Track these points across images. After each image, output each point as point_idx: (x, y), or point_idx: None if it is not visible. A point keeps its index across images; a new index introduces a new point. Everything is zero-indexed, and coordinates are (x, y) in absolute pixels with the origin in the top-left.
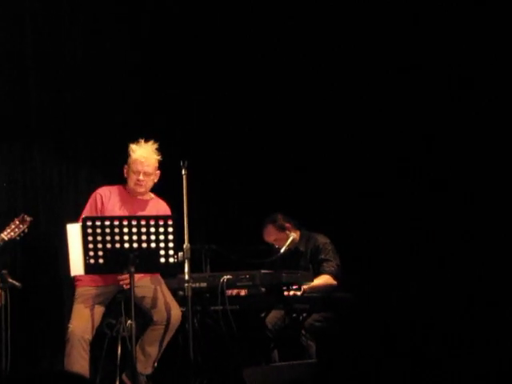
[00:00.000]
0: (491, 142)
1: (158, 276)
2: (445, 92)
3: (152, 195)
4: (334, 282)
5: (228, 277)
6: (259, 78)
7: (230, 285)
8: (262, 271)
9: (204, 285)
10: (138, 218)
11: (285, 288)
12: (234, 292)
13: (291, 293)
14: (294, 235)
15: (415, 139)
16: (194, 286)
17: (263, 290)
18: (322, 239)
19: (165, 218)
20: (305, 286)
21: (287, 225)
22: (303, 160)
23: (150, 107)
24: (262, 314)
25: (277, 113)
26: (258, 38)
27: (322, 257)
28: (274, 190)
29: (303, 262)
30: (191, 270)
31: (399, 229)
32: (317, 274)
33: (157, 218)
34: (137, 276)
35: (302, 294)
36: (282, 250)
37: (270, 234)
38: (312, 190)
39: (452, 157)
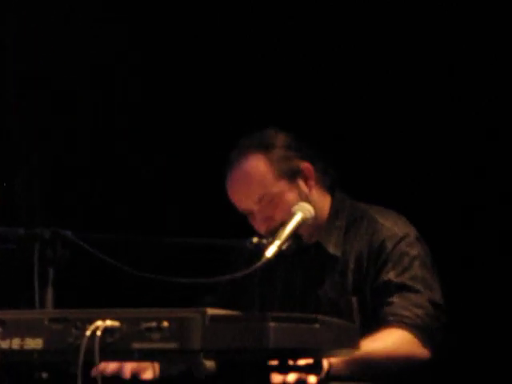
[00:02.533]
0: None
1: None
2: None
3: None
4: (419, 352)
5: (101, 324)
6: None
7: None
8: (209, 312)
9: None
10: None
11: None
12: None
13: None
14: (307, 209)
15: None
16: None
17: (208, 365)
18: (395, 229)
19: None
20: (333, 360)
21: (304, 165)
22: None
23: None
24: None
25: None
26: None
27: (393, 278)
28: None
29: (336, 289)
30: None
31: None
32: (374, 322)
33: None
34: None
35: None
36: (270, 252)
37: (250, 193)
38: None
39: None
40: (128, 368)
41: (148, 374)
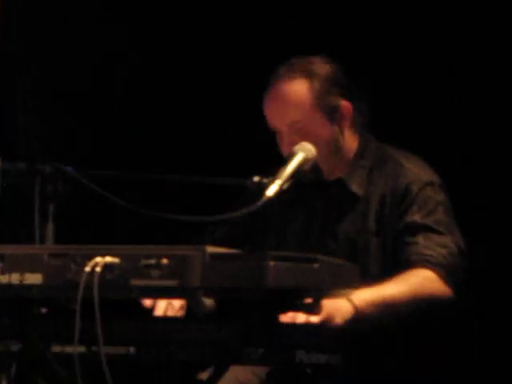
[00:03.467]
0: None
1: None
2: None
3: None
4: (442, 290)
5: (101, 261)
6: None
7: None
8: (209, 250)
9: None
10: None
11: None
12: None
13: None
14: (308, 149)
15: None
16: None
17: (207, 303)
18: (421, 174)
19: None
20: (358, 302)
21: (344, 103)
22: None
23: None
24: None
25: None
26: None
27: (419, 220)
28: None
29: (355, 228)
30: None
31: None
32: (396, 263)
33: None
34: None
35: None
36: (272, 191)
37: (284, 114)
38: None
39: None
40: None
41: (159, 311)
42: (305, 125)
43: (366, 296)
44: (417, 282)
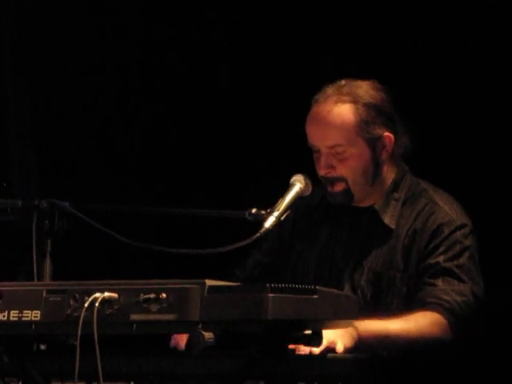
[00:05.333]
0: None
1: None
2: None
3: None
4: (447, 336)
5: (100, 296)
6: None
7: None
8: (208, 283)
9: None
10: None
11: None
12: None
13: (302, 349)
14: (304, 180)
15: None
16: None
17: (207, 336)
18: (454, 216)
19: None
20: (363, 332)
21: (387, 134)
22: None
23: None
24: None
25: None
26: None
27: (442, 262)
28: None
29: (382, 262)
30: None
31: None
32: (412, 300)
33: None
34: None
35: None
36: (269, 223)
37: (327, 135)
38: None
39: None
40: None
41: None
42: (345, 149)
43: (371, 327)
44: (425, 324)
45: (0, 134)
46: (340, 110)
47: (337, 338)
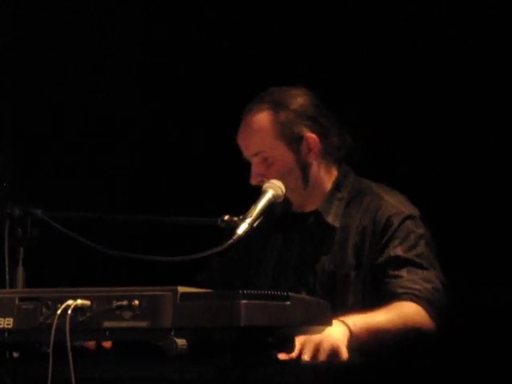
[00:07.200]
0: None
1: None
2: None
3: None
4: (428, 324)
5: (72, 303)
6: None
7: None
8: (181, 290)
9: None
10: None
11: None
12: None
13: (281, 355)
14: (278, 187)
15: None
16: None
17: (177, 343)
18: (401, 207)
19: None
20: (355, 329)
21: (309, 135)
22: None
23: None
24: None
25: None
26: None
27: (401, 254)
28: None
29: (333, 261)
30: None
31: None
32: (378, 296)
33: None
34: None
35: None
36: (242, 230)
37: (250, 144)
38: None
39: None
40: None
41: None
42: (268, 155)
43: (360, 321)
44: (406, 313)
45: None
46: (258, 117)
47: (340, 344)
